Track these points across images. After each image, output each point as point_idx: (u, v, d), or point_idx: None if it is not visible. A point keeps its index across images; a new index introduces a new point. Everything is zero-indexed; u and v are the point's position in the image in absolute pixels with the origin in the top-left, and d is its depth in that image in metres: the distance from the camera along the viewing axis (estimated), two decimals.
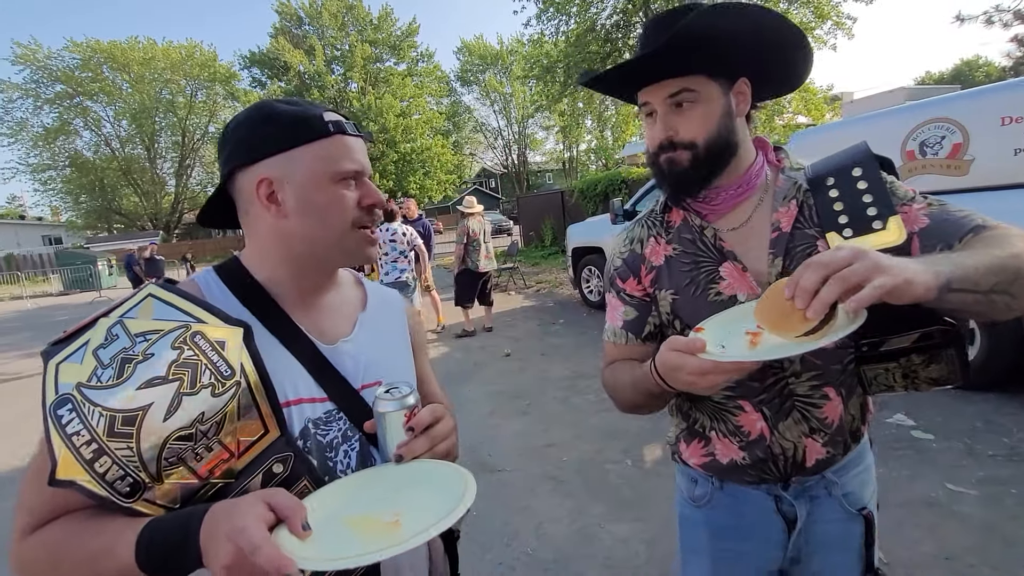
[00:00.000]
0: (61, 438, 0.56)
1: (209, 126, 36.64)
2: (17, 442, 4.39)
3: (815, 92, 17.86)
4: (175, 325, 0.62)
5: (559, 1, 19.40)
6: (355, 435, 0.73)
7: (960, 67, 47.63)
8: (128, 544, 0.54)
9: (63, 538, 0.58)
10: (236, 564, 0.50)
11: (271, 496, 0.55)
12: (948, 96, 3.69)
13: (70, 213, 36.74)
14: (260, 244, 0.73)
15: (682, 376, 0.67)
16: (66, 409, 0.56)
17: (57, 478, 0.55)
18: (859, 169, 0.81)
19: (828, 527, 0.90)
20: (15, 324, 12.48)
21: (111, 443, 0.56)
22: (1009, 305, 0.67)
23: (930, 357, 0.77)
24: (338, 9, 31.77)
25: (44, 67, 31.80)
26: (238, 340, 0.63)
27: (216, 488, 0.60)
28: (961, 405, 3.28)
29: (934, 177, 3.47)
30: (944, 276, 0.61)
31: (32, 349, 8.81)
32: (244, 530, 0.50)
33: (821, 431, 0.86)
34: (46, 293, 19.44)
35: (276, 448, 0.63)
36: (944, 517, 2.26)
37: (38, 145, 33.33)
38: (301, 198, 0.69)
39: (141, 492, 0.57)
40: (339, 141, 0.71)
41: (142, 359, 0.59)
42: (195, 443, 0.58)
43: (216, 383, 0.60)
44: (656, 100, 0.83)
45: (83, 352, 0.59)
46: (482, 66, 39.39)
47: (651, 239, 0.95)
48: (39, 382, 0.58)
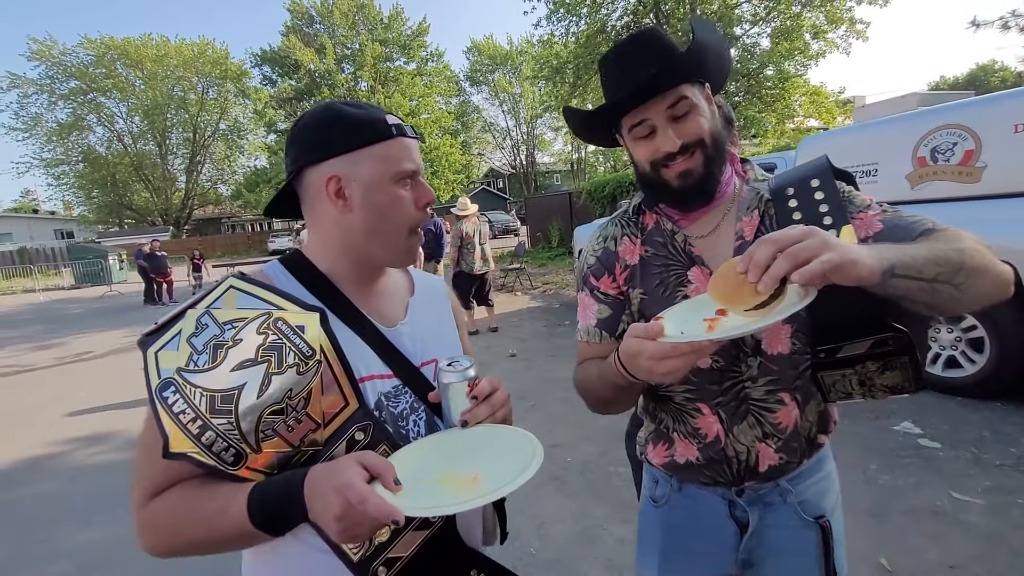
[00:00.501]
0: (169, 416, 0.63)
1: (220, 123, 36.95)
2: (33, 431, 4.45)
3: (827, 95, 17.71)
4: (258, 313, 0.69)
5: (569, 2, 19.39)
6: (420, 407, 0.81)
7: (975, 72, 47.09)
8: (240, 504, 0.62)
9: (181, 503, 0.66)
10: (346, 514, 0.57)
11: (363, 457, 0.62)
12: (961, 102, 3.66)
13: (82, 208, 37.10)
14: (324, 236, 0.80)
15: (642, 361, 0.69)
16: (171, 391, 0.64)
17: (170, 451, 0.63)
18: (816, 181, 0.86)
19: (781, 533, 0.93)
20: (28, 317, 12.64)
21: (213, 419, 0.63)
22: (954, 296, 0.69)
23: (885, 364, 0.80)
24: (349, 8, 31.88)
25: (59, 63, 32.20)
26: (315, 324, 0.70)
27: (307, 455, 0.68)
28: (968, 414, 3.26)
29: (945, 184, 3.44)
30: (888, 261, 0.64)
31: (44, 341, 8.94)
32: (351, 485, 0.57)
33: (774, 436, 0.89)
34: (58, 286, 19.67)
35: (356, 418, 0.71)
36: (949, 526, 2.25)
37: (52, 140, 33.75)
38: (365, 195, 0.76)
39: (244, 461, 0.65)
40: (400, 143, 0.77)
41: (232, 344, 0.66)
42: (286, 416, 0.66)
43: (300, 363, 0.67)
44: (655, 114, 0.84)
45: (178, 340, 0.66)
46: (491, 66, 39.40)
47: (625, 238, 0.98)
48: (53, 374, 0.62)
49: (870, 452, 2.93)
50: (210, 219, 42.79)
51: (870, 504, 2.45)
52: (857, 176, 3.90)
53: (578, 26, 20.10)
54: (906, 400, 3.52)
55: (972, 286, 0.70)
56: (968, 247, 0.71)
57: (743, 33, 18.96)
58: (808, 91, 17.63)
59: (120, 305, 12.83)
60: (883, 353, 0.79)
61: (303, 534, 0.67)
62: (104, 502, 3.15)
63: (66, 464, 3.81)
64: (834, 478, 0.99)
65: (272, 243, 29.10)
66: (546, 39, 21.00)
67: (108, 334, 9.16)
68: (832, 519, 0.94)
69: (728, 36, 18.42)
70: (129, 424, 4.43)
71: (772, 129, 17.58)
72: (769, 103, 17.50)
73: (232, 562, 0.82)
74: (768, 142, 16.90)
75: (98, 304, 13.81)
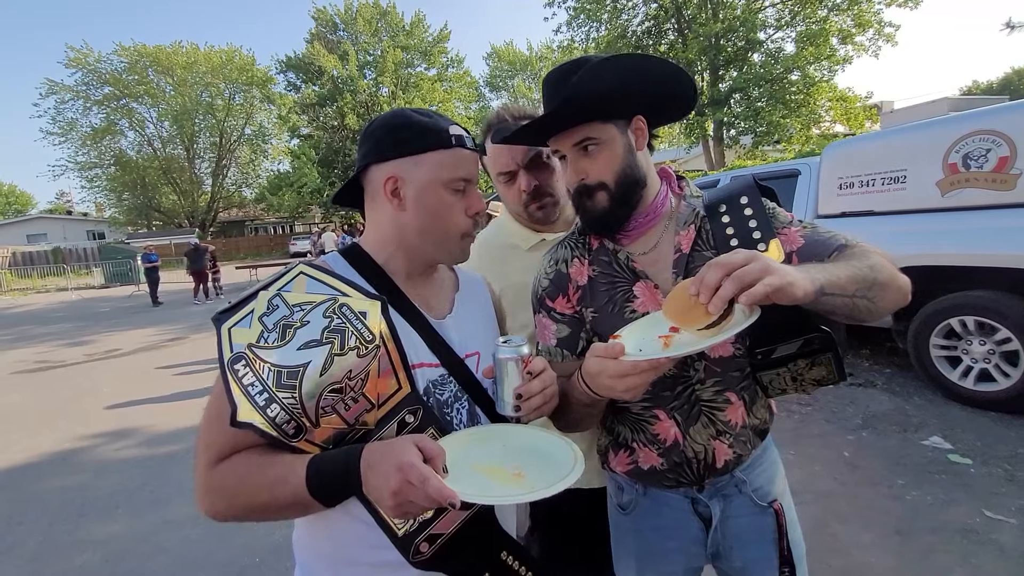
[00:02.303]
0: (239, 387, 0.67)
1: (245, 128, 37.85)
2: (63, 426, 4.59)
3: (854, 100, 17.34)
4: (325, 297, 0.74)
5: (590, 8, 19.40)
6: (464, 396, 0.86)
7: (1010, 76, 45.65)
8: (299, 474, 0.66)
9: (245, 469, 0.70)
10: (402, 490, 0.60)
11: (419, 440, 0.65)
12: (995, 107, 3.55)
13: (113, 209, 38.31)
14: (380, 231, 0.86)
15: (604, 380, 0.74)
16: (241, 364, 0.68)
17: (238, 420, 0.67)
18: (745, 198, 0.93)
19: (741, 521, 0.99)
20: (62, 314, 13.08)
21: (279, 393, 0.68)
22: (870, 308, 0.80)
23: (812, 361, 0.92)
24: (372, 15, 32.44)
25: (94, 70, 33.42)
26: (377, 311, 0.75)
27: (360, 433, 0.72)
28: (1002, 429, 3.14)
29: (979, 191, 3.33)
30: (819, 282, 0.72)
31: (75, 338, 9.23)
32: (413, 464, 0.61)
33: (727, 433, 0.96)
34: (89, 286, 20.31)
35: (408, 402, 0.75)
36: (980, 545, 2.16)
37: (86, 144, 35.02)
38: (419, 197, 0.81)
39: (304, 434, 0.69)
40: (458, 153, 0.82)
41: (300, 325, 0.71)
42: (344, 395, 0.70)
43: (360, 346, 0.72)
44: (564, 147, 0.93)
45: (250, 319, 0.71)
46: (511, 72, 39.64)
47: (575, 259, 1.02)
48: (83, 370, 0.64)
49: (897, 466, 2.84)
50: (234, 221, 43.76)
51: (896, 520, 2.36)
52: (884, 183, 3.83)
53: (598, 32, 20.09)
54: (935, 414, 3.42)
55: (882, 297, 0.80)
56: (876, 263, 0.81)
57: (767, 38, 18.71)
58: (835, 96, 17.27)
59: (146, 304, 13.19)
60: (810, 351, 0.90)
61: (353, 508, 0.71)
62: (127, 496, 3.22)
63: (93, 458, 3.92)
64: (779, 462, 1.07)
65: (293, 246, 29.65)
66: (566, 45, 21.02)
67: (134, 332, 9.42)
68: (783, 501, 1.01)
69: (751, 41, 18.20)
70: (152, 421, 4.54)
71: (797, 135, 17.27)
72: (794, 108, 17.20)
73: (248, 560, 0.83)
74: (792, 148, 16.61)
75: (126, 303, 14.22)
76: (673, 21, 19.60)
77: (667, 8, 19.04)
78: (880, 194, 3.87)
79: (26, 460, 3.93)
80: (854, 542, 2.24)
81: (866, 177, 3.95)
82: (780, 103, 17.06)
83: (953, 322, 3.51)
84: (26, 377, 6.51)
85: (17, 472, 3.74)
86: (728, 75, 18.97)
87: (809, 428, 3.43)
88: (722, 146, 19.29)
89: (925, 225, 3.57)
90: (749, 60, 18.49)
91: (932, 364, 3.64)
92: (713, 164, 18.61)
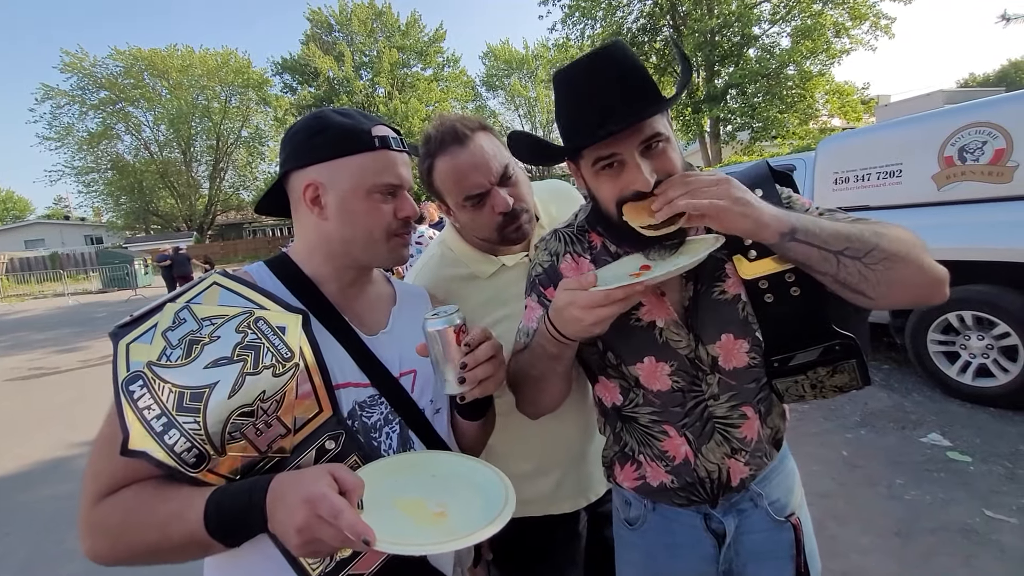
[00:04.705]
0: (133, 411, 0.60)
1: (242, 130, 37.76)
2: (54, 433, 4.55)
3: (851, 92, 17.30)
4: (239, 311, 0.67)
5: (585, 6, 19.36)
6: (395, 419, 0.78)
7: (1006, 68, 45.64)
8: (197, 509, 0.59)
9: (134, 504, 0.62)
10: (308, 526, 0.54)
11: (336, 469, 0.59)
12: (991, 99, 3.52)
13: (110, 214, 38.23)
14: (307, 241, 0.80)
15: (573, 311, 0.69)
16: (137, 385, 0.61)
17: (130, 448, 0.60)
18: (760, 191, 0.84)
19: (756, 537, 0.93)
20: (57, 320, 13.04)
21: (180, 417, 0.60)
22: (862, 273, 0.71)
23: (834, 368, 0.84)
24: (367, 16, 32.37)
25: (90, 74, 33.27)
26: (297, 326, 0.69)
27: (273, 462, 0.65)
28: (1002, 426, 3.10)
29: (975, 184, 3.30)
30: (790, 223, 0.68)
31: (71, 344, 9.19)
32: (325, 496, 0.54)
33: (742, 451, 0.89)
34: (86, 291, 20.29)
35: (329, 426, 0.69)
36: (980, 545, 2.13)
37: (83, 149, 34.85)
38: (340, 204, 0.75)
39: (206, 463, 0.62)
40: (382, 156, 0.76)
41: (209, 341, 0.64)
42: (256, 419, 0.63)
43: (277, 364, 0.65)
44: (626, 148, 0.75)
45: (152, 333, 0.64)
46: (507, 70, 39.56)
47: (568, 255, 0.94)
48: (77, 376, 0.60)
49: (895, 466, 2.80)
50: (232, 224, 43.67)
51: (895, 521, 2.33)
52: (880, 178, 3.79)
53: (594, 29, 20.06)
54: (934, 410, 3.38)
55: (887, 268, 0.71)
56: (890, 234, 0.73)
57: (762, 33, 18.67)
58: (832, 89, 17.24)
59: None
60: (832, 358, 0.83)
61: (265, 546, 0.63)
62: None
63: (82, 466, 3.84)
64: (795, 471, 1.00)
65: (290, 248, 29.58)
66: (562, 43, 21.00)
67: None
68: (800, 515, 0.96)
69: (746, 36, 18.17)
70: None
71: (794, 130, 17.24)
72: (790, 104, 17.17)
73: None
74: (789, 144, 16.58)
75: (123, 308, 14.17)
76: (668, 17, 19.56)
77: (662, 4, 19.00)
78: (876, 188, 3.83)
79: (17, 469, 3.90)
80: (853, 545, 2.20)
81: (861, 171, 3.91)
82: (776, 98, 17.03)
83: (951, 317, 3.48)
84: (19, 384, 6.46)
85: (7, 481, 3.71)
86: (724, 71, 18.94)
87: (807, 427, 3.39)
88: (719, 142, 19.28)
89: (921, 219, 3.52)
90: (745, 56, 18.46)
91: (930, 360, 3.60)
92: (710, 160, 18.60)
